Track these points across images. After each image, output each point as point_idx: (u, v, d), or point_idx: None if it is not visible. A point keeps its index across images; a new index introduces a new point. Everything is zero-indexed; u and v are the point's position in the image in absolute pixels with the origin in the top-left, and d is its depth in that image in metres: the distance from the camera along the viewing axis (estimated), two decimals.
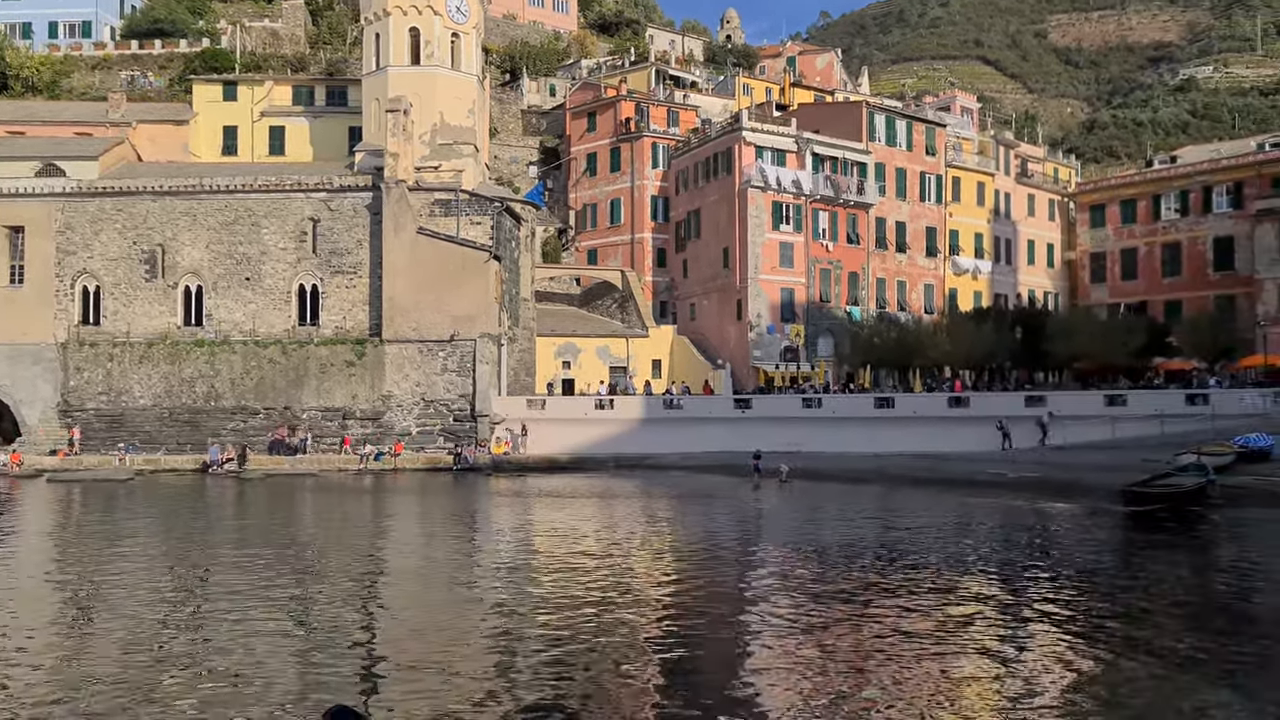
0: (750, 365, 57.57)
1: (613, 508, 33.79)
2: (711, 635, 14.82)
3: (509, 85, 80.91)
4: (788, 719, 10.86)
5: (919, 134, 64.96)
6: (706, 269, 61.91)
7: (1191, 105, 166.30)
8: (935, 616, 15.72)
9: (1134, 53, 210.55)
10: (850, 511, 31.23)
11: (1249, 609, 16.76)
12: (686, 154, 64.81)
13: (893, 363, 54.91)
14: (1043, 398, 47.50)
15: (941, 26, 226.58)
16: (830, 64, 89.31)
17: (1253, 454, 36.36)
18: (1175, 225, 63.87)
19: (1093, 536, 25.33)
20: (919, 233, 64.44)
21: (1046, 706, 11.22)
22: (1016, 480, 36.70)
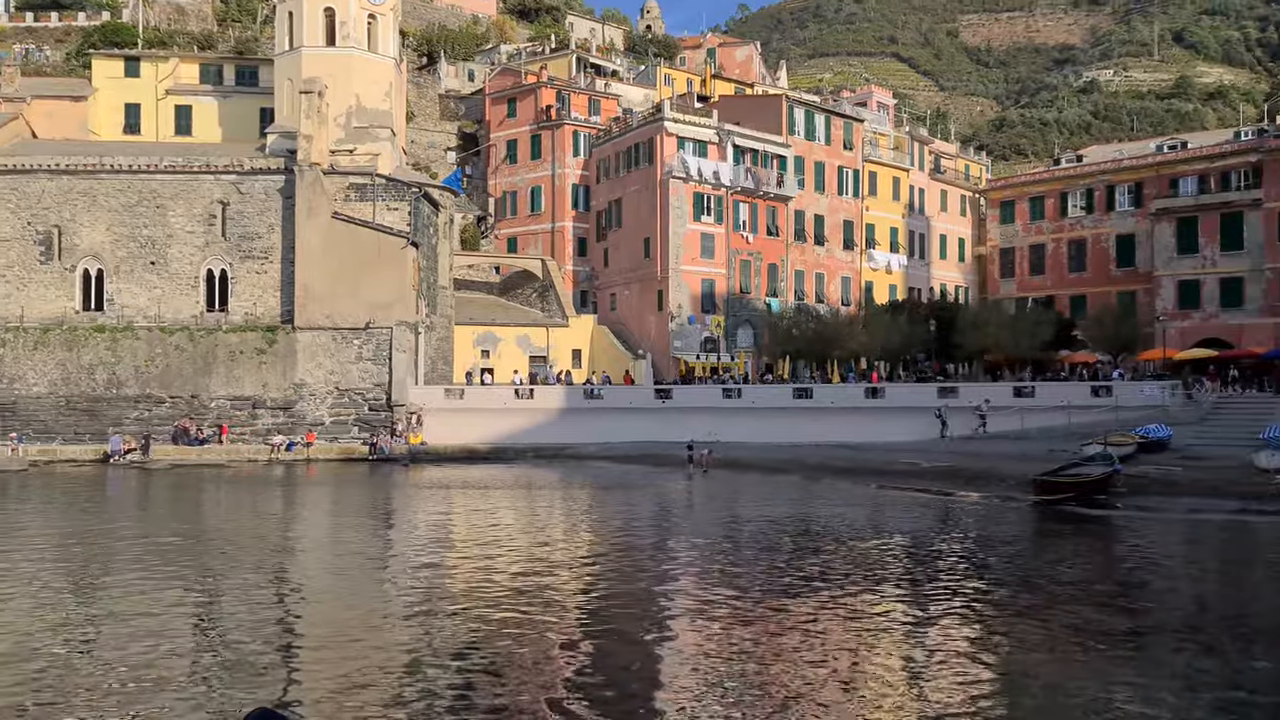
0: (671, 355, 57.66)
1: (533, 498, 33.46)
2: (628, 626, 14.68)
3: (426, 69, 79.51)
4: (699, 706, 10.78)
5: (837, 129, 65.75)
6: (628, 259, 61.77)
7: (1094, 106, 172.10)
8: (848, 603, 15.86)
9: (1041, 54, 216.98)
10: (769, 501, 31.43)
11: (1149, 593, 17.30)
12: (608, 143, 64.51)
13: (811, 354, 55.56)
14: (955, 389, 48.55)
15: (857, 23, 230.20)
16: (750, 57, 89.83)
17: (1153, 444, 37.79)
18: (1081, 222, 65.89)
19: (1005, 524, 25.91)
20: (837, 226, 65.27)
21: (956, 687, 11.34)
22: (931, 470, 37.41)
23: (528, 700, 11.22)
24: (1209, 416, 42.36)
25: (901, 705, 10.95)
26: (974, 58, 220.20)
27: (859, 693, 11.37)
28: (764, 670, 12.19)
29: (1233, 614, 15.35)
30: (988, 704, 10.93)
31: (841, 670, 12.21)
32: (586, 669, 12.47)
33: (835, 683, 11.65)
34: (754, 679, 11.81)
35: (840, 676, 11.94)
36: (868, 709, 10.86)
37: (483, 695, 11.37)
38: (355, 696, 11.31)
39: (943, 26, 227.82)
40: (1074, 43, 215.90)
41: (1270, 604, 16.47)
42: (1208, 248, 58.41)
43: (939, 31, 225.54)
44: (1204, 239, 58.53)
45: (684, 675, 12.14)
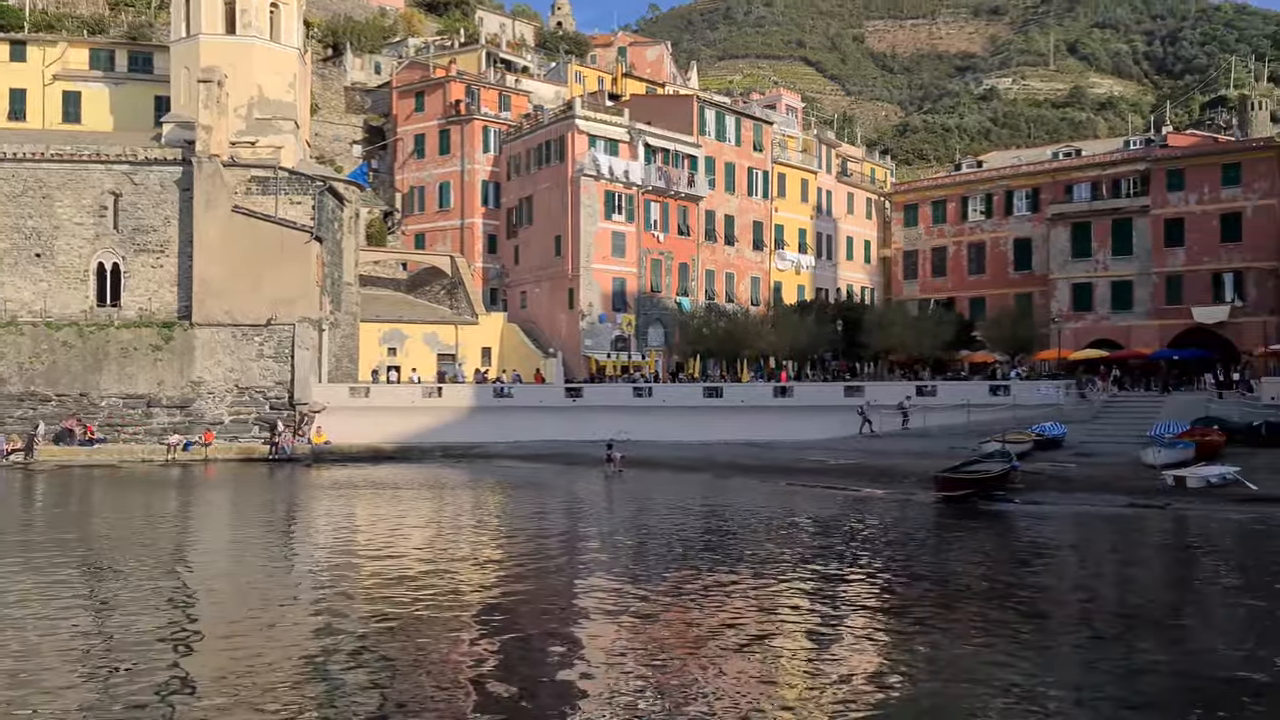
0: (582, 354, 57.47)
1: (440, 498, 32.95)
2: (537, 625, 14.52)
3: (332, 61, 77.67)
4: (608, 706, 10.70)
5: (747, 130, 66.37)
6: (538, 256, 61.35)
7: (994, 114, 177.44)
8: (755, 599, 15.96)
9: (943, 61, 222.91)
10: (679, 499, 31.51)
11: (1045, 584, 17.82)
12: (519, 139, 63.98)
13: (721, 353, 55.98)
14: (861, 388, 49.46)
15: (766, 26, 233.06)
16: (661, 56, 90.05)
17: (1048, 442, 39.09)
18: (980, 226, 67.77)
19: (908, 520, 26.44)
20: (747, 226, 65.90)
21: (862, 679, 11.48)
22: (837, 467, 38.02)
23: (433, 700, 10.96)
24: (1100, 415, 43.95)
25: (810, 696, 11.01)
26: (879, 63, 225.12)
27: (768, 683, 11.40)
28: (672, 667, 12.14)
29: (1122, 603, 15.90)
30: (892, 694, 11.07)
31: (751, 662, 12.24)
32: (494, 669, 12.26)
33: (744, 675, 11.66)
34: (662, 675, 11.76)
35: (749, 668, 11.97)
36: (777, 699, 10.90)
37: (386, 698, 11.07)
38: (252, 701, 10.90)
39: (849, 32, 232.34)
40: (975, 51, 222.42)
41: (1157, 593, 17.10)
42: (1100, 252, 60.65)
43: (846, 37, 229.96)
44: (1096, 244, 60.76)
45: (592, 672, 12.03)
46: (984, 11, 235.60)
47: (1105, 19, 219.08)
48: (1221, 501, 28.01)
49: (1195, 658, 12.55)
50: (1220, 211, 57.28)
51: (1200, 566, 19.51)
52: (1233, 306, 56.24)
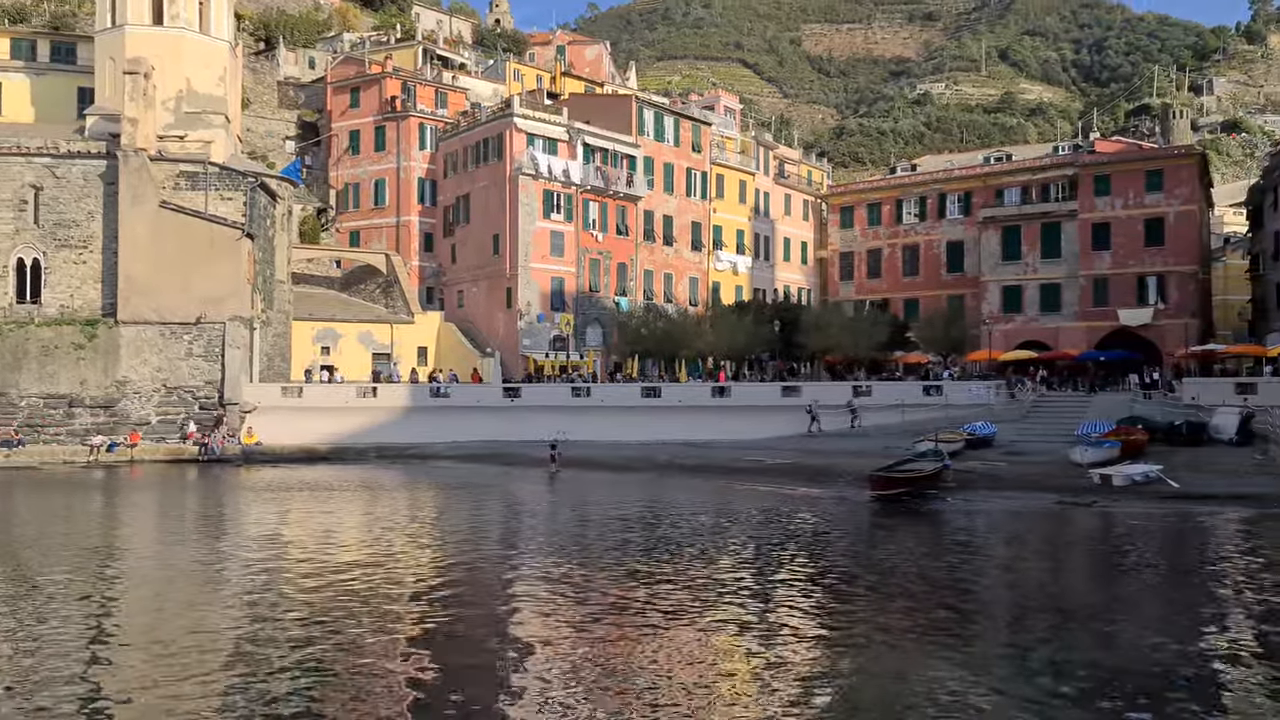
0: (520, 353, 57.14)
1: (375, 500, 32.47)
2: (473, 627, 14.36)
3: (264, 54, 76.21)
4: (544, 706, 10.62)
5: (686, 131, 66.58)
6: (476, 255, 60.85)
7: (927, 118, 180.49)
8: (691, 597, 15.98)
9: (878, 65, 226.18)
10: (618, 499, 31.46)
11: (977, 580, 18.12)
12: (456, 137, 63.39)
13: (660, 353, 56.06)
14: (798, 388, 49.86)
15: (704, 28, 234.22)
16: (600, 56, 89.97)
17: (979, 441, 39.81)
18: (914, 229, 68.82)
19: (843, 518, 26.71)
20: (685, 227, 66.09)
21: (797, 674, 11.54)
22: (774, 466, 38.31)
23: (366, 707, 10.76)
24: (1029, 414, 44.86)
25: (745, 693, 11.03)
26: (816, 66, 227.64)
27: (703, 681, 11.39)
28: (609, 666, 12.08)
29: (1050, 598, 16.21)
30: (827, 690, 11.13)
31: (686, 660, 12.23)
32: (429, 674, 12.08)
33: (681, 673, 11.65)
34: (599, 674, 11.69)
35: (684, 666, 11.96)
36: (712, 695, 10.90)
37: (317, 705, 10.84)
38: (176, 710, 10.59)
39: (786, 35, 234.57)
40: (909, 56, 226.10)
41: (1084, 588, 17.48)
42: (1029, 255, 61.97)
43: (783, 39, 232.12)
44: (1026, 247, 62.06)
45: (530, 673, 11.91)
46: (918, 17, 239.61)
47: (1035, 27, 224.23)
48: (1145, 499, 28.78)
49: (1121, 651, 12.83)
50: (1144, 216, 58.88)
51: (1125, 562, 19.99)
52: (1156, 309, 57.87)
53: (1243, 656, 12.68)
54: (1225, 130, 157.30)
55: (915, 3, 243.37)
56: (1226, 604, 16.12)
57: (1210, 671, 11.94)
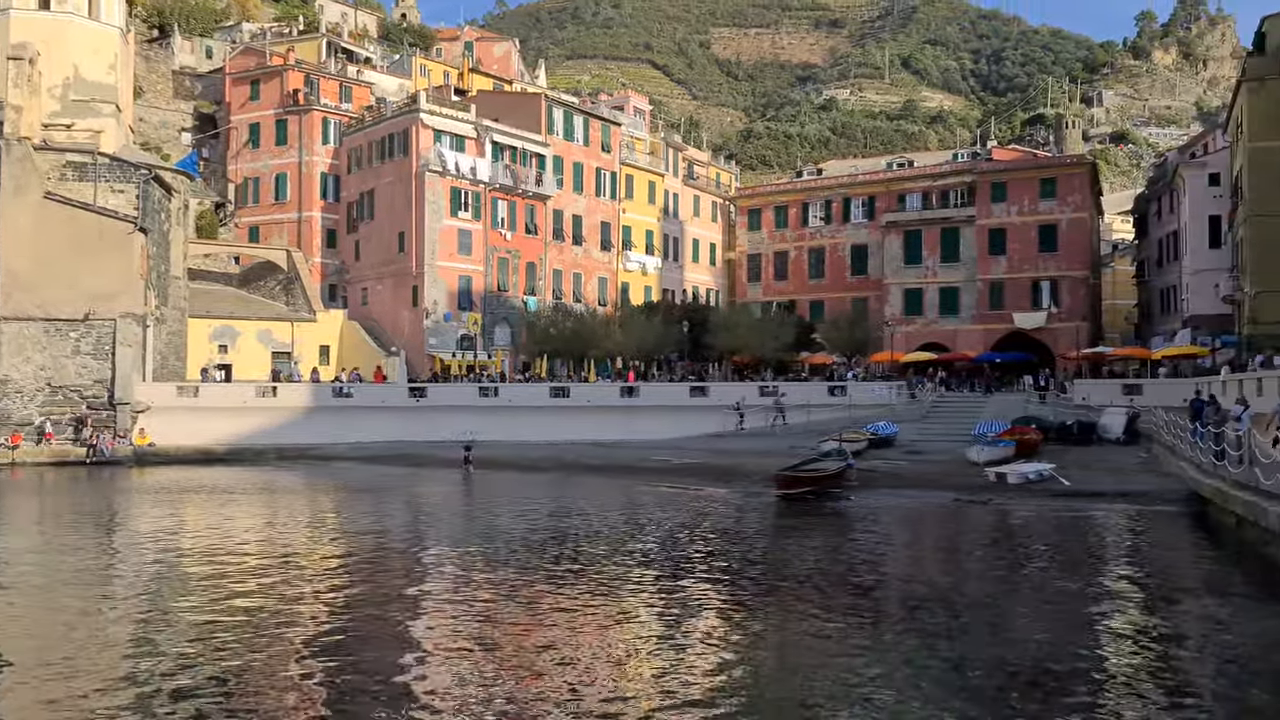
0: (426, 352, 56.33)
1: (275, 502, 31.58)
2: (376, 631, 14.03)
3: (158, 42, 73.61)
4: (445, 710, 10.42)
5: (595, 130, 66.50)
6: (380, 252, 59.77)
7: (833, 123, 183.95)
8: (597, 597, 15.92)
9: (785, 70, 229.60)
10: (525, 499, 31.21)
11: (879, 576, 18.45)
12: (360, 132, 62.17)
13: (569, 353, 55.90)
14: (706, 389, 50.27)
15: (614, 28, 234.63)
16: (509, 53, 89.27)
17: (881, 440, 40.63)
18: (820, 232, 69.95)
19: (750, 517, 26.94)
20: (595, 226, 66.02)
21: (703, 673, 11.57)
22: (682, 466, 38.47)
23: (266, 710, 10.40)
24: (929, 414, 46.03)
25: (650, 692, 10.99)
26: (724, 70, 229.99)
27: (610, 682, 11.32)
28: (514, 668, 11.91)
29: (948, 594, 16.58)
30: (730, 688, 11.16)
31: (591, 656, 12.15)
32: (330, 679, 11.73)
33: (585, 673, 11.56)
34: (503, 675, 11.52)
35: (589, 662, 11.87)
36: (615, 692, 10.83)
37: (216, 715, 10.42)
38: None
39: (696, 37, 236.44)
40: (815, 62, 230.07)
41: (980, 584, 17.93)
42: (930, 259, 63.57)
43: (692, 42, 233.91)
44: (927, 251, 63.65)
45: (432, 677, 11.67)
46: (824, 24, 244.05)
47: (936, 36, 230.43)
48: (1038, 496, 29.68)
49: (1014, 642, 13.17)
50: (1038, 223, 60.94)
51: (1019, 557, 20.58)
52: (1049, 313, 59.95)
53: (1127, 644, 13.14)
54: (1114, 141, 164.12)
55: (821, 10, 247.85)
56: (1112, 596, 16.70)
57: (1097, 659, 12.34)
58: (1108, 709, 10.39)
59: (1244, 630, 13.92)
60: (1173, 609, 15.54)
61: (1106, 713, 10.27)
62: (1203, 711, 10.32)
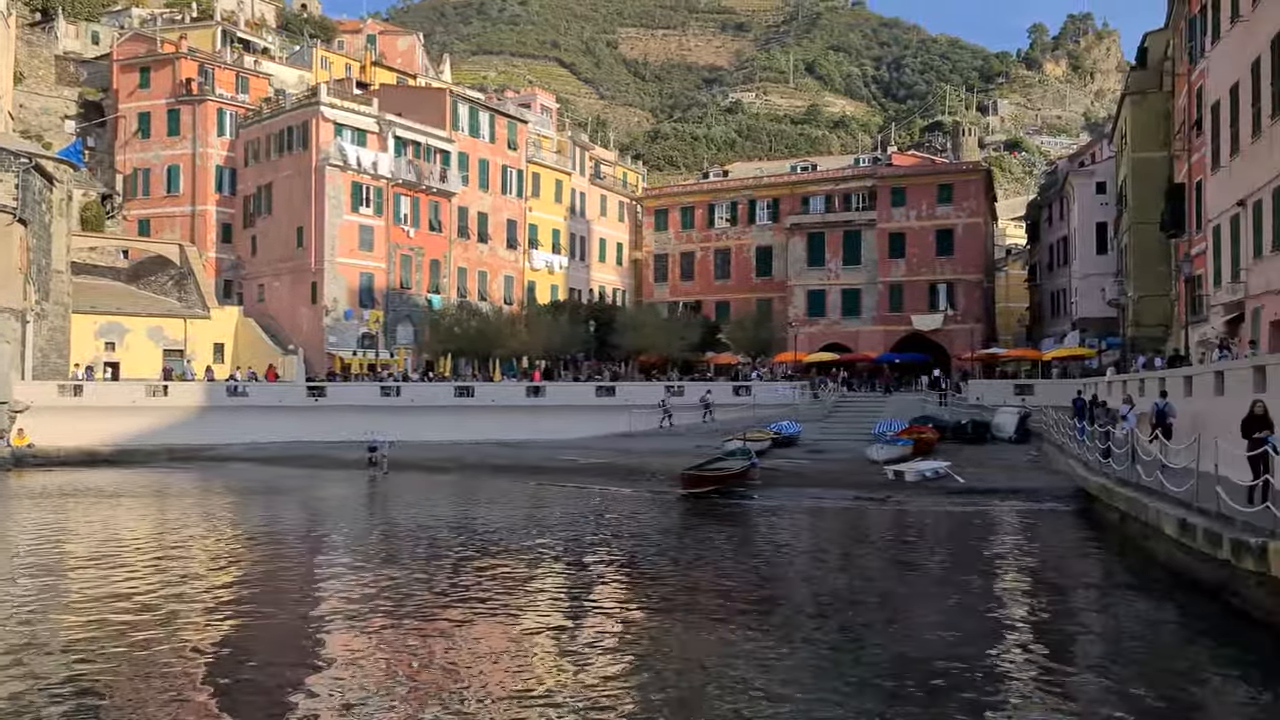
0: (325, 351, 55.01)
1: (165, 505, 30.38)
2: (268, 639, 13.56)
3: (41, 26, 70.31)
4: (351, 712, 10.14)
5: (501, 127, 65.86)
6: (278, 248, 58.13)
7: (739, 126, 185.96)
8: (500, 598, 15.70)
9: (692, 72, 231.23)
10: (428, 500, 30.68)
11: (781, 574, 18.62)
12: (258, 124, 60.38)
13: (473, 352, 55.23)
14: (613, 388, 50.19)
15: (521, 24, 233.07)
16: (413, 47, 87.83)
17: (785, 439, 41.14)
18: (726, 233, 70.61)
19: (655, 516, 26.95)
20: (501, 224, 65.38)
21: (604, 677, 11.48)
22: (588, 466, 38.34)
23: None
24: (831, 414, 46.79)
25: (551, 687, 10.84)
26: (632, 70, 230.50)
27: (509, 685, 11.13)
28: (413, 668, 11.62)
29: (848, 591, 16.81)
30: (635, 690, 11.08)
31: (494, 657, 11.94)
32: (224, 686, 11.26)
33: (488, 669, 11.34)
34: (402, 683, 11.23)
35: (492, 663, 11.66)
36: (518, 690, 10.65)
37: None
38: None
39: (603, 37, 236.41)
40: (722, 64, 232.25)
41: (877, 578, 18.24)
42: (832, 261, 64.72)
43: (599, 41, 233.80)
44: (829, 253, 64.78)
45: (332, 685, 11.30)
46: (730, 27, 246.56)
47: (839, 43, 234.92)
48: (934, 494, 30.43)
49: (912, 642, 13.39)
50: (936, 227, 62.57)
51: (916, 555, 21.01)
52: (946, 315, 61.62)
53: (1020, 637, 13.49)
54: (1008, 149, 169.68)
55: (727, 13, 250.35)
56: (1006, 590, 17.16)
57: (993, 652, 12.62)
58: (1003, 700, 10.62)
59: (1127, 620, 14.42)
60: (1062, 602, 16.03)
61: (1001, 703, 10.49)
62: (1092, 700, 10.62)
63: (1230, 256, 30.53)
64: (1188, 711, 10.44)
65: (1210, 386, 22.74)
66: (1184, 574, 15.94)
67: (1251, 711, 10.59)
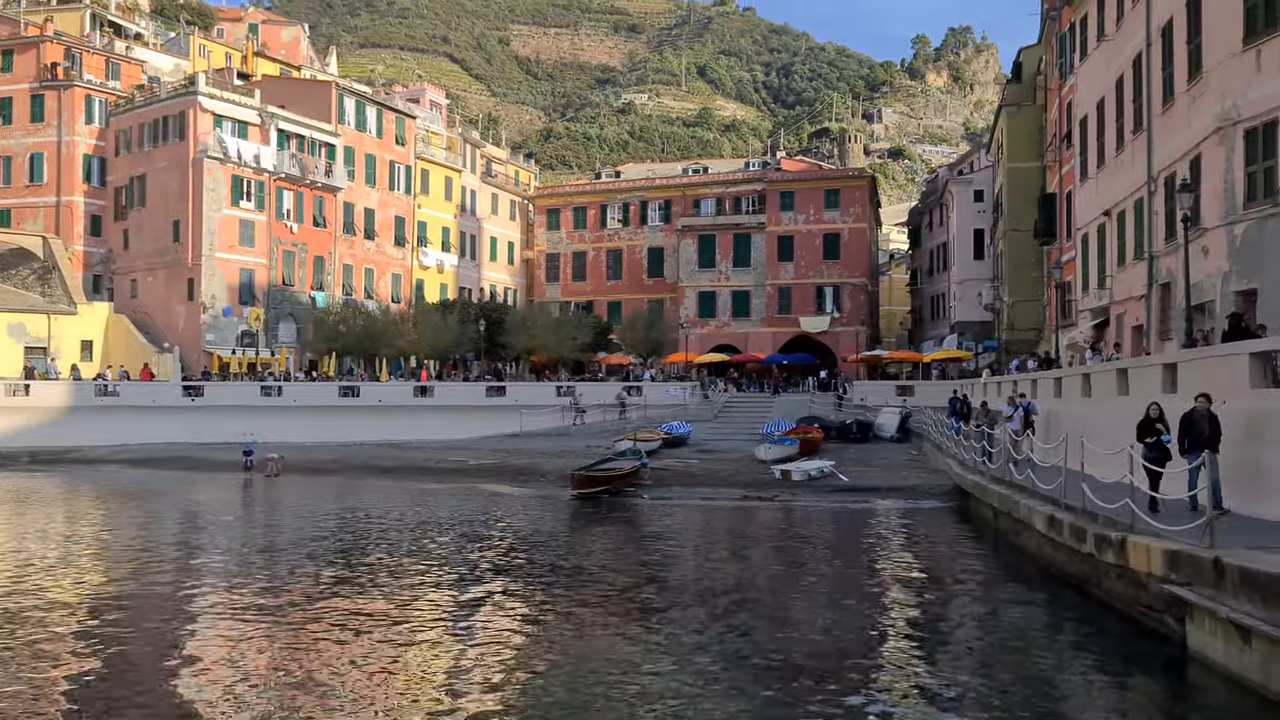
0: (203, 349, 53.03)
1: (24, 510, 28.77)
2: (139, 651, 12.95)
3: None
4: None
5: (389, 122, 64.62)
6: (153, 242, 55.79)
7: (631, 127, 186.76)
8: (387, 603, 15.37)
9: (585, 72, 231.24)
10: (308, 503, 29.84)
11: (670, 573, 18.73)
12: (131, 112, 57.83)
13: (359, 350, 54.09)
14: (503, 389, 49.75)
15: (410, 19, 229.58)
16: (297, 38, 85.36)
17: (675, 440, 41.45)
18: (618, 234, 70.79)
19: (545, 516, 26.79)
20: (388, 221, 64.13)
21: (493, 678, 11.34)
22: (477, 467, 37.92)
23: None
24: (721, 414, 47.35)
25: (439, 693, 10.64)
26: (524, 67, 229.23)
27: (394, 690, 10.87)
28: (293, 681, 11.24)
29: (734, 588, 16.99)
30: (523, 684, 10.96)
31: (380, 665, 11.64)
32: (84, 706, 10.68)
33: (374, 678, 11.05)
34: (281, 691, 10.85)
35: (379, 671, 11.37)
36: (405, 698, 10.41)
37: None
38: None
39: (495, 33, 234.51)
40: (615, 65, 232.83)
41: (764, 575, 18.49)
42: (723, 263, 65.52)
43: (491, 38, 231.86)
44: (720, 255, 65.56)
45: (201, 694, 10.84)
46: (623, 29, 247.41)
47: (730, 48, 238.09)
48: (819, 492, 31.07)
49: (797, 638, 13.60)
50: (823, 231, 63.94)
51: (801, 552, 21.38)
52: (832, 317, 63.02)
53: (898, 629, 13.85)
54: (892, 156, 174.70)
55: (620, 14, 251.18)
56: (886, 585, 17.60)
57: (873, 646, 12.91)
58: (881, 693, 10.85)
59: (1000, 612, 14.94)
60: (939, 595, 16.51)
61: (880, 697, 10.71)
62: (965, 690, 10.94)
63: (1097, 264, 32.02)
64: (1055, 700, 10.85)
65: (1078, 388, 23.78)
66: (1052, 567, 16.60)
67: (1112, 696, 11.08)
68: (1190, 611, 11.49)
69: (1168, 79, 24.40)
